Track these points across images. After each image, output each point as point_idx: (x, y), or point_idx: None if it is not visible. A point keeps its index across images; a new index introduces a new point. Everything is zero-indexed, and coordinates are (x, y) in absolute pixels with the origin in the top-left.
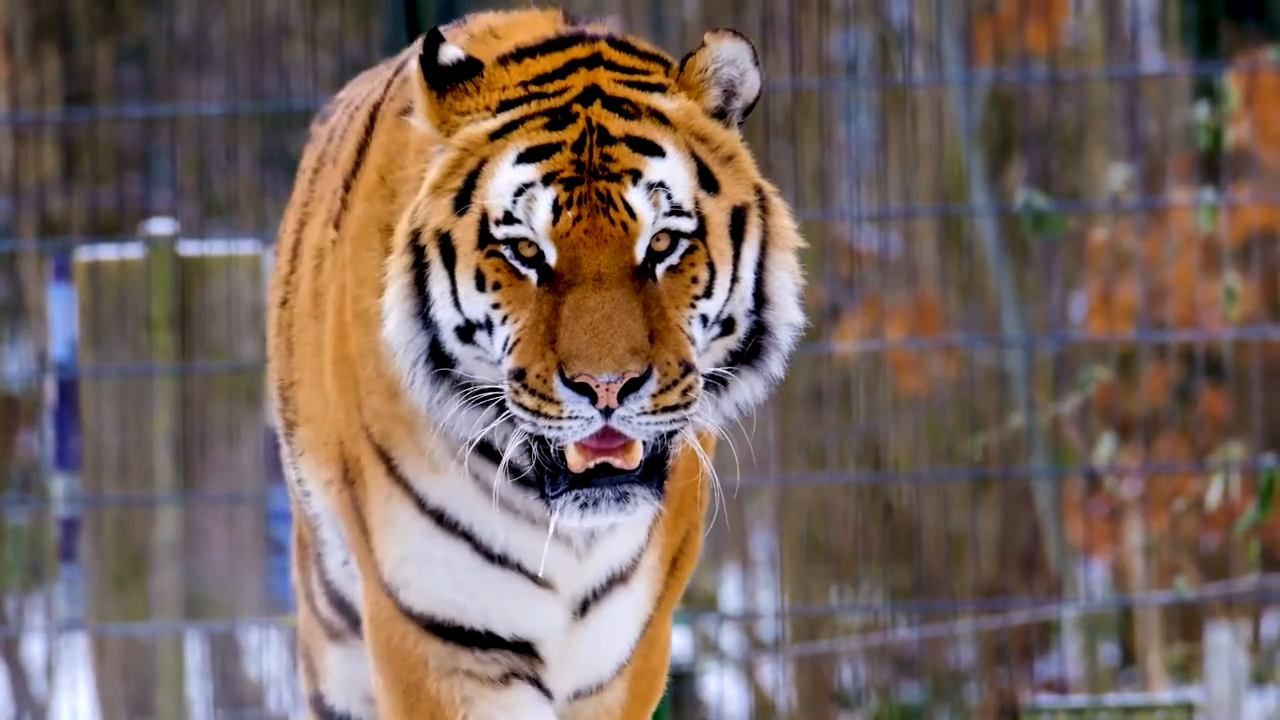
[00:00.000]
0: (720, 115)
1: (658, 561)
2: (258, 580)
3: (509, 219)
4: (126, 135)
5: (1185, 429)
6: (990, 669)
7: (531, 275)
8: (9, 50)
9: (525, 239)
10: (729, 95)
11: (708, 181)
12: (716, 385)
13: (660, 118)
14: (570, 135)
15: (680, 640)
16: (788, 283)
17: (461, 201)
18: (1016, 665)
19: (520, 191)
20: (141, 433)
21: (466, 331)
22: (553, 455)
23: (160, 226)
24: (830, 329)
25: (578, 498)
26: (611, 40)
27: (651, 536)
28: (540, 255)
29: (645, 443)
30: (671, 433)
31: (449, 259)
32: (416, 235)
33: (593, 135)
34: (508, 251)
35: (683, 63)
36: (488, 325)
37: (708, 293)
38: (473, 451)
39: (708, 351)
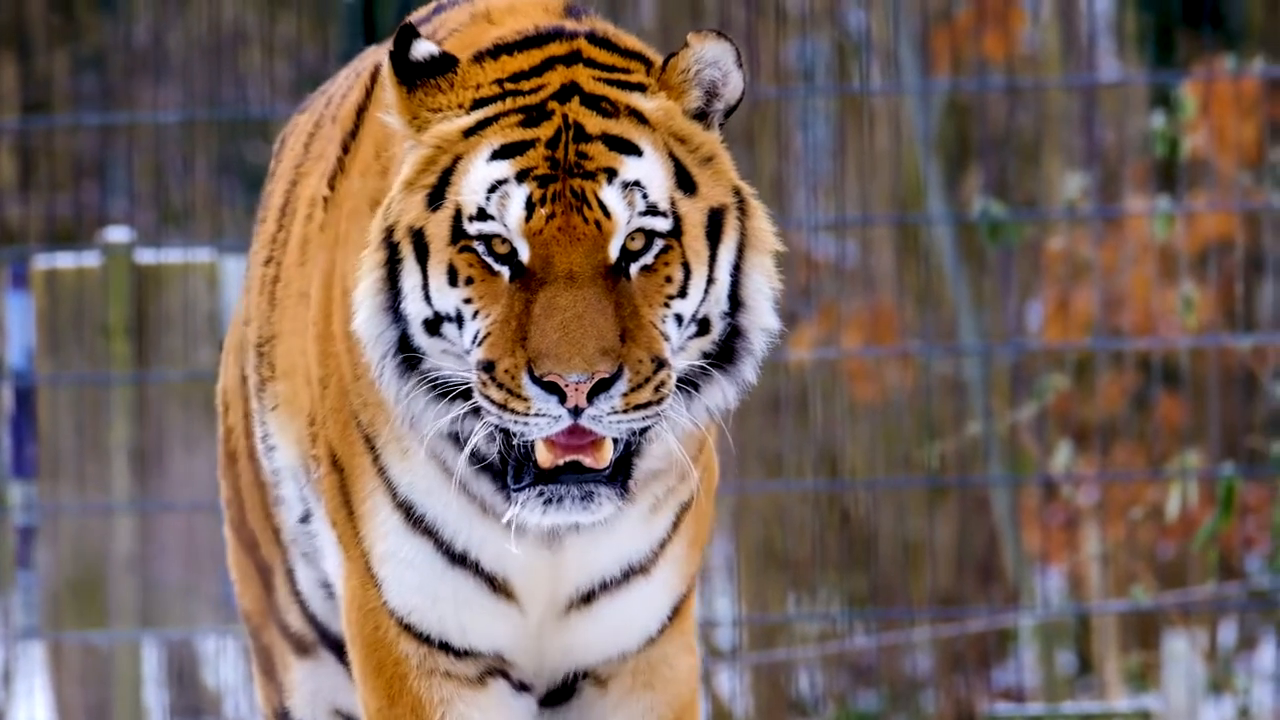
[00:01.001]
0: (701, 116)
1: (688, 548)
2: (215, 588)
3: (482, 215)
4: (83, 143)
5: (1142, 437)
6: (947, 677)
7: (504, 271)
8: None
9: (498, 235)
10: (711, 96)
11: (685, 182)
12: (689, 387)
13: (639, 117)
14: (545, 132)
15: None
16: (764, 286)
17: (435, 198)
18: (973, 673)
19: (494, 188)
20: (98, 440)
21: (434, 324)
22: (521, 449)
23: (117, 235)
24: (786, 337)
25: (542, 493)
26: (592, 36)
27: (680, 525)
28: (513, 252)
29: (616, 440)
30: (644, 429)
31: (422, 255)
32: (390, 231)
33: (568, 132)
34: (481, 247)
35: (665, 62)
36: (458, 319)
37: (682, 292)
38: (441, 440)
39: (683, 351)
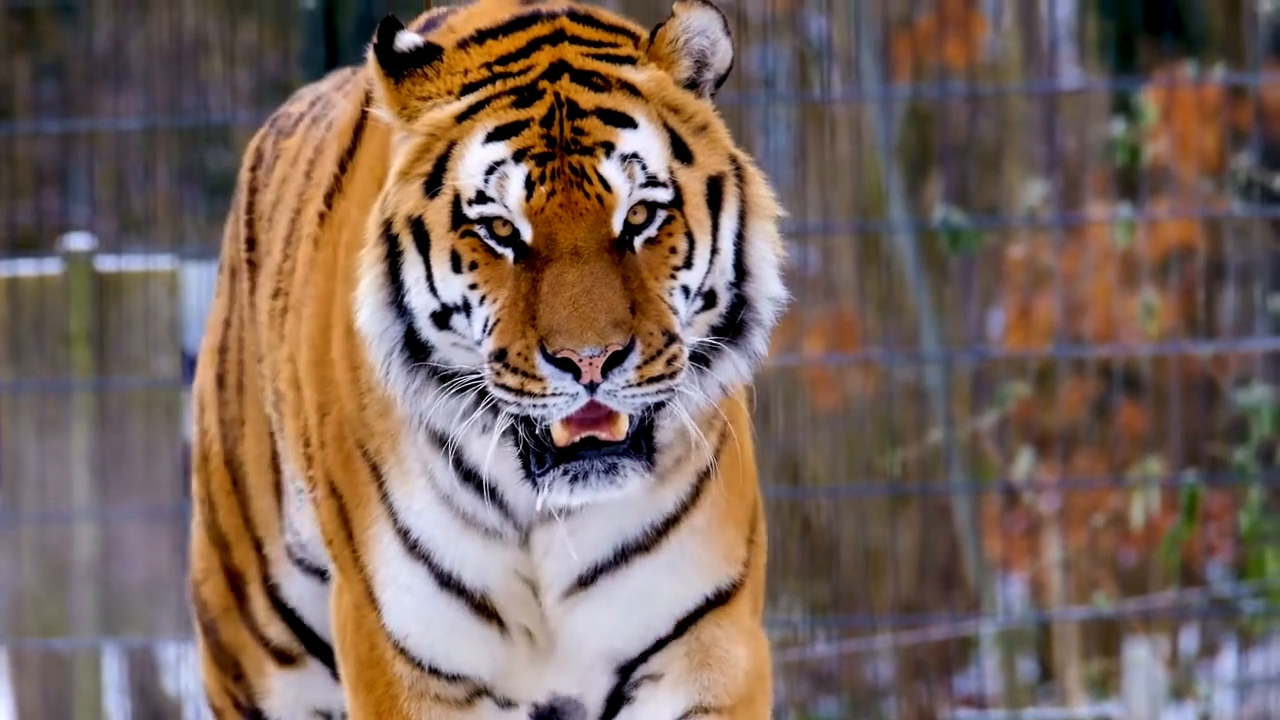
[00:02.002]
0: (692, 86)
1: (719, 522)
2: (176, 595)
3: (482, 198)
4: (44, 150)
5: (1103, 444)
6: (909, 684)
7: (508, 254)
8: None
9: (500, 217)
10: (700, 66)
11: (681, 152)
12: (700, 362)
13: (631, 89)
14: (538, 111)
15: None
16: (768, 253)
17: (432, 185)
18: (935, 681)
19: (492, 170)
20: (59, 447)
21: (443, 316)
22: (538, 434)
23: (78, 242)
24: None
25: (566, 472)
26: (573, 15)
27: (701, 496)
28: (516, 233)
29: (631, 416)
30: (659, 404)
31: (423, 244)
32: (389, 224)
33: (562, 110)
34: (482, 231)
35: (652, 34)
36: (465, 308)
37: (688, 263)
38: (435, 454)
39: (690, 326)
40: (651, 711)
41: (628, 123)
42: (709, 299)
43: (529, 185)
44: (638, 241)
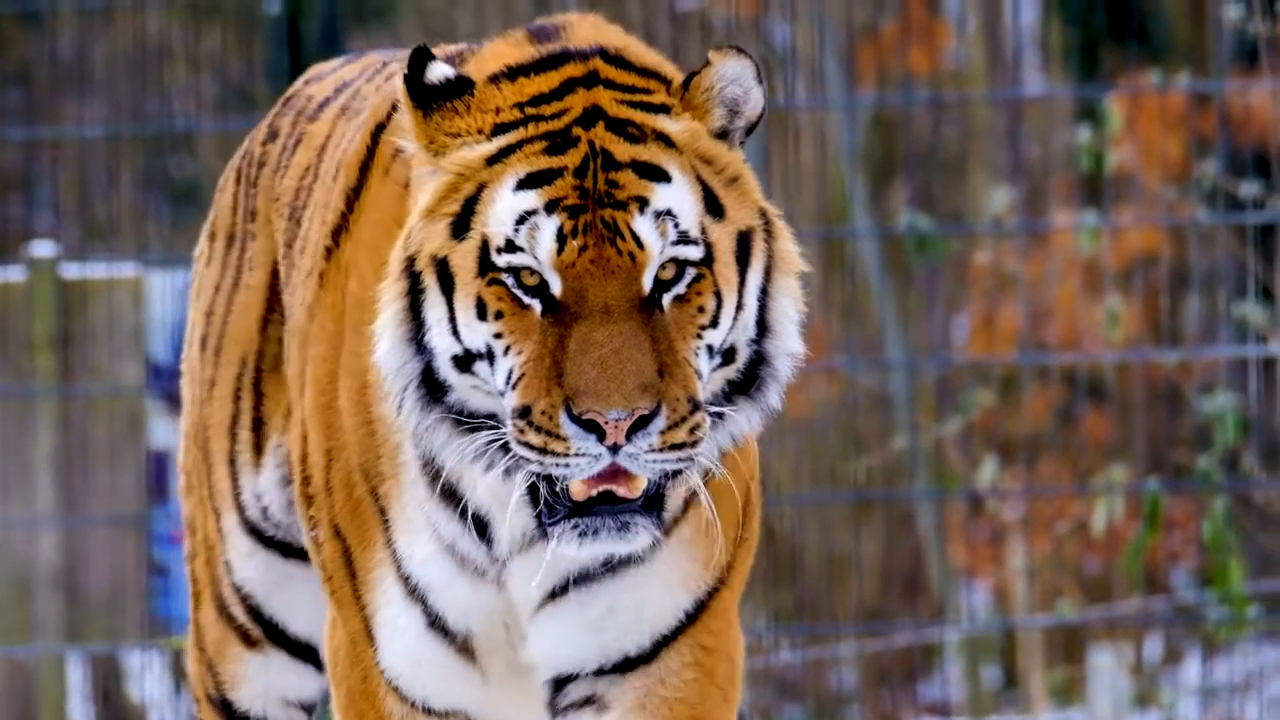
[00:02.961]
0: (723, 135)
1: (696, 533)
2: (139, 603)
3: (511, 247)
4: (8, 158)
5: (1067, 452)
6: (873, 692)
7: (535, 305)
8: None
9: (528, 268)
10: (733, 114)
11: (713, 206)
12: (713, 417)
13: (666, 140)
14: (572, 160)
15: None
16: (790, 310)
17: (460, 227)
18: (899, 688)
19: (523, 219)
20: (23, 454)
21: (465, 361)
22: (558, 490)
23: (42, 249)
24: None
25: (577, 526)
26: (605, 55)
27: (688, 508)
28: (544, 284)
29: (649, 480)
30: (676, 472)
31: (447, 286)
32: (412, 261)
33: (596, 160)
34: (510, 280)
35: (686, 81)
36: (489, 355)
37: (714, 322)
38: (437, 498)
39: (708, 383)
40: None
41: (662, 177)
42: (728, 355)
43: (560, 238)
44: (666, 299)
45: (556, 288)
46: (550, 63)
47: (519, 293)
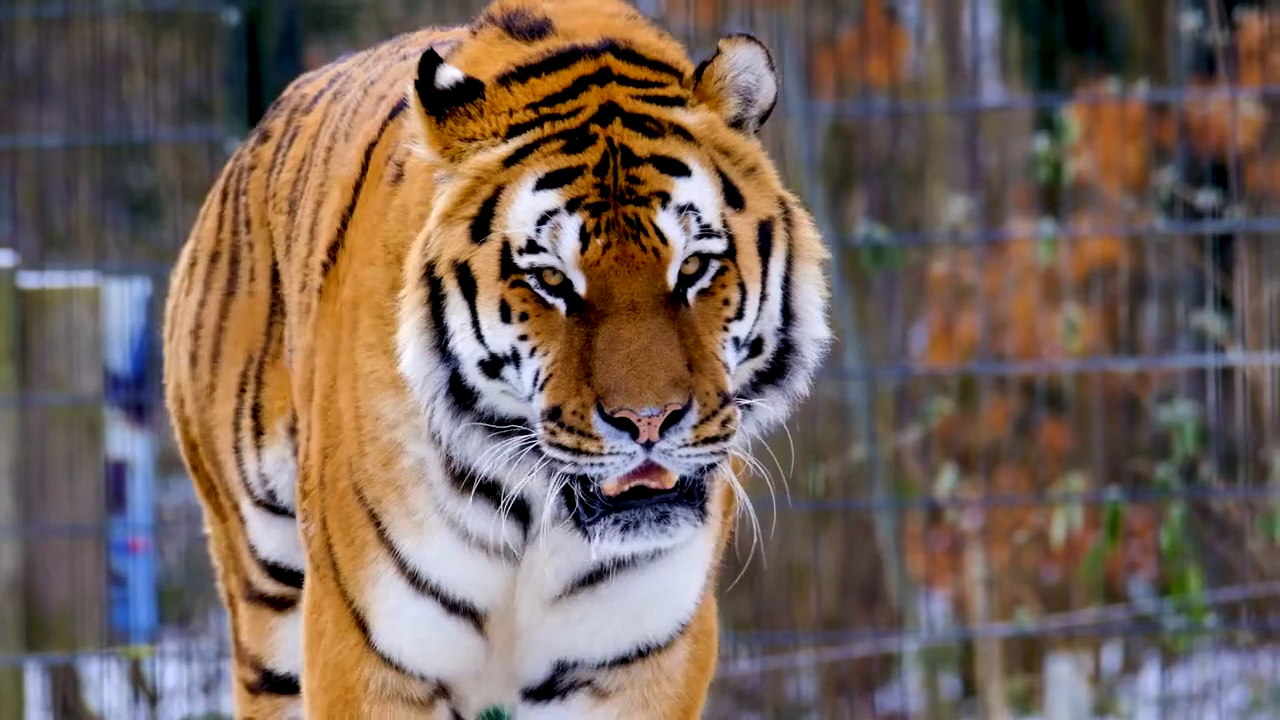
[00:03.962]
0: (738, 124)
1: (711, 518)
2: (98, 612)
3: (533, 248)
4: None
5: (1026, 461)
6: (831, 701)
7: (560, 305)
8: None
9: (551, 268)
10: (746, 103)
11: (733, 198)
12: (743, 410)
13: (684, 134)
14: (591, 158)
15: None
16: (814, 297)
17: (479, 230)
18: (857, 697)
19: (544, 219)
20: None
21: (493, 366)
22: (592, 489)
23: (0, 259)
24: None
25: (617, 521)
26: (615, 49)
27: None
28: (568, 284)
29: (684, 476)
30: (711, 465)
31: (469, 290)
32: (431, 267)
33: (616, 157)
34: (533, 281)
35: (699, 71)
36: (514, 359)
37: (739, 314)
38: (463, 494)
39: (736, 374)
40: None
41: (682, 170)
42: (755, 346)
43: (583, 237)
44: (691, 294)
45: (581, 286)
46: (560, 61)
47: (543, 293)
